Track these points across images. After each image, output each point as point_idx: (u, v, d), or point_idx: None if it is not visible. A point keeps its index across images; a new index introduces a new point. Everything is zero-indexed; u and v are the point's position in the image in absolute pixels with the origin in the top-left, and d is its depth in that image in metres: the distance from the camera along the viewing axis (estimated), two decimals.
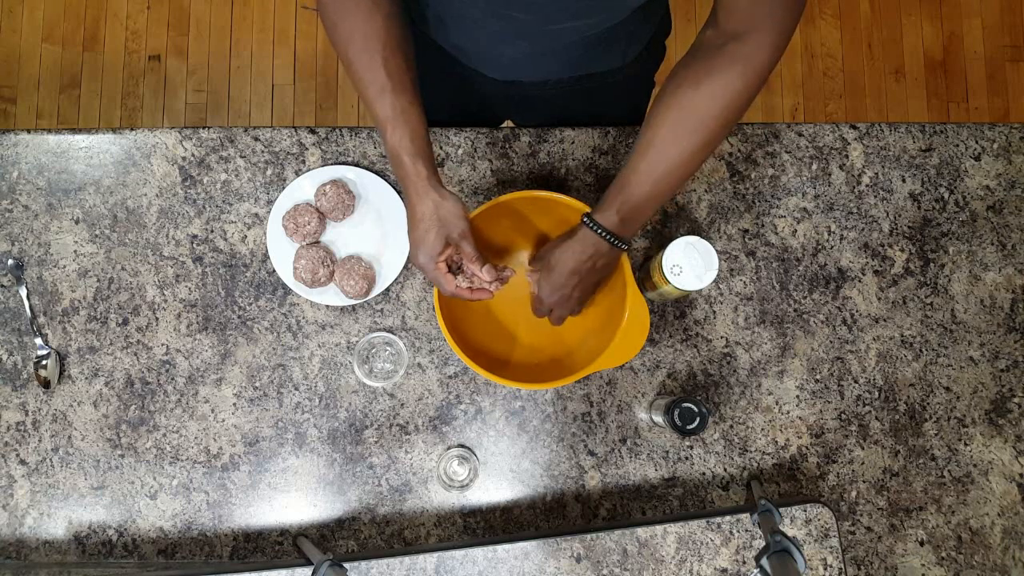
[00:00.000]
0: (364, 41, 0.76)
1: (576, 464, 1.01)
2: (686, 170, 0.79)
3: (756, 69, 0.74)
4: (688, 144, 0.77)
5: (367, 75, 0.76)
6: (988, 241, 1.07)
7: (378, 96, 0.76)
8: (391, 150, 0.78)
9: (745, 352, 1.03)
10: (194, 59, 2.12)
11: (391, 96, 0.76)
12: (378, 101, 0.76)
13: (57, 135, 1.04)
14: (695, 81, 0.76)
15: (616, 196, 0.81)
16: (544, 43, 0.87)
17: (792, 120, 2.14)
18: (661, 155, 0.78)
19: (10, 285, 1.01)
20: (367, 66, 0.76)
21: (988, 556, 1.01)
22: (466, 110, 1.12)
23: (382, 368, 1.00)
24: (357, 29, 0.76)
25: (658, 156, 0.78)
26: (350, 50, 0.77)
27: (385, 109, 0.76)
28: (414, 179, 0.78)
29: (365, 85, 0.77)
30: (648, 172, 0.79)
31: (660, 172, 0.79)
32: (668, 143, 0.78)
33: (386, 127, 0.77)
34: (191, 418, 1.00)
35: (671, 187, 0.80)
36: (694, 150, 0.78)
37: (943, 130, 1.09)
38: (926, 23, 2.19)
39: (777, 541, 0.71)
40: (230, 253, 1.03)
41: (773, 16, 0.72)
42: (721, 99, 0.75)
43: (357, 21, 0.76)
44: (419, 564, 0.89)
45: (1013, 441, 1.04)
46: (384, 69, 0.76)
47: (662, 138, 0.78)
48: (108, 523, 0.98)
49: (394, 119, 0.76)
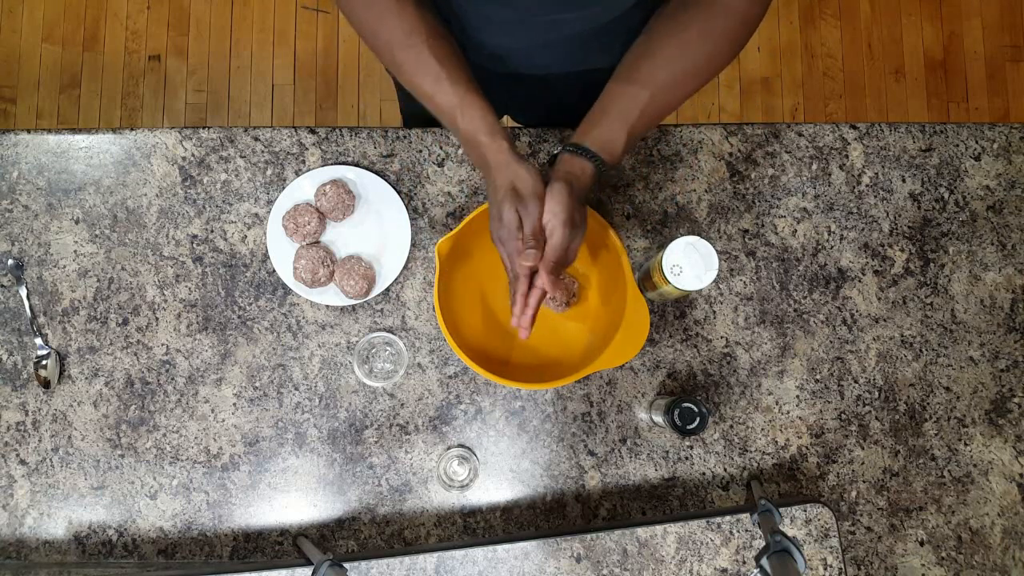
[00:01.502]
0: (406, 37, 0.75)
1: (576, 464, 1.01)
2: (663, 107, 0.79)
3: (749, 19, 0.75)
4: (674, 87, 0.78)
5: (419, 69, 0.75)
6: (988, 241, 1.07)
7: (435, 87, 0.75)
8: (465, 135, 0.77)
9: (745, 352, 1.03)
10: (194, 59, 2.12)
11: (448, 84, 0.75)
12: (437, 92, 0.75)
13: (57, 135, 1.04)
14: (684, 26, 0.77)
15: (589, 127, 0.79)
16: (543, 35, 0.87)
17: (792, 120, 2.14)
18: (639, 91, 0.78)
19: (10, 285, 1.01)
20: (416, 61, 0.75)
21: (988, 556, 1.01)
22: None
23: (382, 368, 1.00)
24: (396, 28, 0.75)
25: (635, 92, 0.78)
26: (396, 51, 0.76)
27: (447, 97, 0.75)
28: (496, 154, 0.76)
29: (420, 80, 0.76)
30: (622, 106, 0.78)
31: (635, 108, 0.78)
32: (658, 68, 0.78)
33: (454, 115, 0.76)
34: (191, 418, 1.00)
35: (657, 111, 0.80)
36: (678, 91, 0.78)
37: (943, 130, 1.09)
38: (926, 23, 2.19)
39: (777, 541, 0.71)
40: (230, 253, 1.03)
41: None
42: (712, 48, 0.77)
43: (392, 21, 0.75)
44: (419, 564, 0.89)
45: (1013, 441, 1.04)
46: (435, 59, 0.75)
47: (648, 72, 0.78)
48: (108, 523, 0.98)
49: (460, 105, 0.75)
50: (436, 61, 0.75)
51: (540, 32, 0.86)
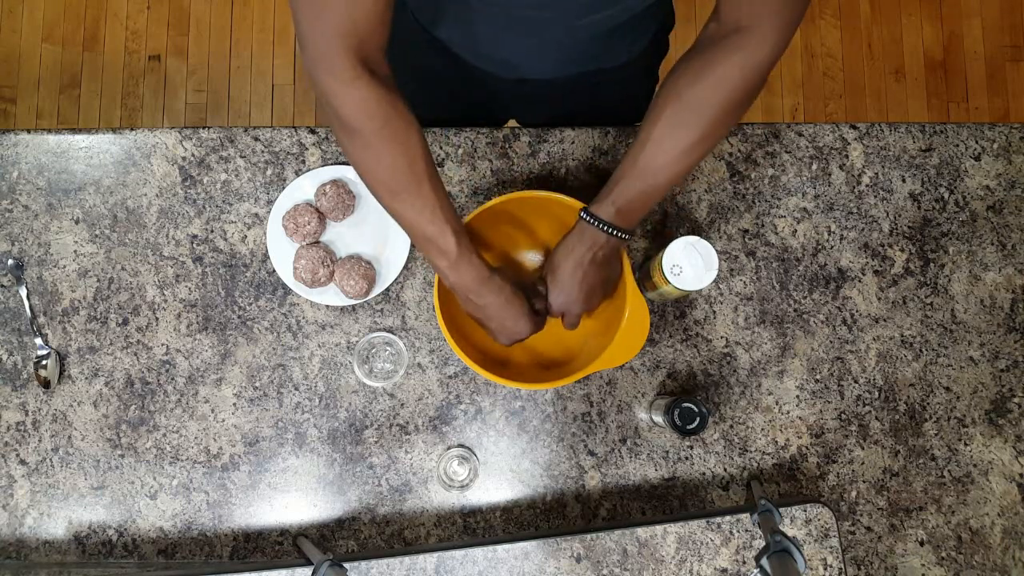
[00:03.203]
0: (410, 168, 0.75)
1: (576, 464, 1.01)
2: (684, 164, 0.79)
3: (756, 63, 0.74)
4: (685, 137, 0.77)
5: (417, 200, 0.76)
6: (988, 241, 1.07)
7: (432, 217, 0.77)
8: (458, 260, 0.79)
9: (745, 352, 1.03)
10: (194, 59, 2.12)
11: (443, 212, 0.77)
12: (433, 221, 0.77)
13: (57, 135, 1.04)
14: (694, 74, 0.76)
15: (612, 188, 0.81)
16: (547, 41, 0.87)
17: (792, 120, 2.14)
18: (658, 148, 0.78)
19: (10, 285, 1.01)
20: (416, 192, 0.76)
21: (988, 556, 1.01)
22: (470, 108, 1.12)
23: (382, 368, 1.00)
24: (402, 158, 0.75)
25: (655, 149, 0.78)
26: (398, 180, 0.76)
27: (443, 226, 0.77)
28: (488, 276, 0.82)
29: (417, 210, 0.77)
30: (645, 165, 0.79)
31: (657, 165, 0.79)
32: (665, 136, 0.78)
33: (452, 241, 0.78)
34: (191, 418, 1.00)
35: (668, 180, 0.80)
36: (691, 143, 0.77)
37: (943, 130, 1.09)
38: (926, 23, 2.19)
39: (777, 541, 0.71)
40: (230, 253, 1.03)
41: (776, 11, 0.71)
42: (719, 92, 0.75)
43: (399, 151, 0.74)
44: (419, 564, 0.89)
45: (1013, 441, 1.04)
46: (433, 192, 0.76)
47: (660, 131, 0.78)
48: (108, 523, 0.98)
49: (455, 232, 0.77)
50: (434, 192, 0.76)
51: (551, 39, 0.87)
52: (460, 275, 0.81)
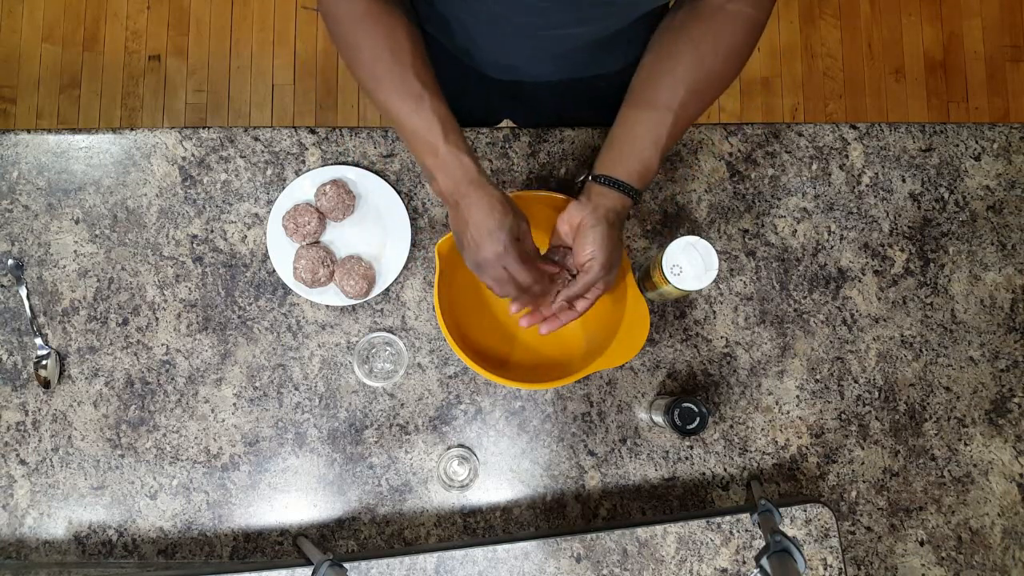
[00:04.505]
0: (393, 55, 0.74)
1: (576, 464, 1.01)
2: (685, 125, 0.81)
3: (757, 25, 0.76)
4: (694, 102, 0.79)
5: (400, 88, 0.74)
6: (988, 241, 1.07)
7: (417, 106, 0.74)
8: (446, 155, 0.75)
9: (745, 352, 1.03)
10: (194, 59, 2.12)
11: (431, 102, 0.74)
12: (418, 111, 0.74)
13: (57, 135, 1.04)
14: (696, 40, 0.77)
15: (623, 157, 0.80)
16: (545, 47, 0.87)
17: (792, 120, 2.14)
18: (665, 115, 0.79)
19: (10, 285, 1.01)
20: (400, 80, 0.74)
21: (988, 556, 1.01)
22: (465, 107, 1.12)
23: (382, 368, 1.00)
24: (383, 45, 0.74)
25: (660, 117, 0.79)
26: (378, 67, 0.75)
27: (429, 116, 0.74)
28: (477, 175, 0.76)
29: (400, 98, 0.75)
30: (651, 131, 0.79)
31: (664, 132, 0.79)
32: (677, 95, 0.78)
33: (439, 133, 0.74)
34: (191, 418, 1.00)
35: (672, 142, 0.81)
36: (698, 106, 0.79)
37: (943, 130, 1.09)
38: (926, 23, 2.19)
39: (777, 541, 0.71)
40: (230, 253, 1.03)
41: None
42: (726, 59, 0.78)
43: (380, 37, 0.74)
44: (419, 564, 0.89)
45: (1013, 441, 1.04)
46: (419, 80, 0.74)
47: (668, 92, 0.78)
48: (108, 523, 0.98)
49: (442, 124, 0.74)
50: (420, 83, 0.74)
51: (550, 45, 0.87)
52: (448, 174, 0.75)
